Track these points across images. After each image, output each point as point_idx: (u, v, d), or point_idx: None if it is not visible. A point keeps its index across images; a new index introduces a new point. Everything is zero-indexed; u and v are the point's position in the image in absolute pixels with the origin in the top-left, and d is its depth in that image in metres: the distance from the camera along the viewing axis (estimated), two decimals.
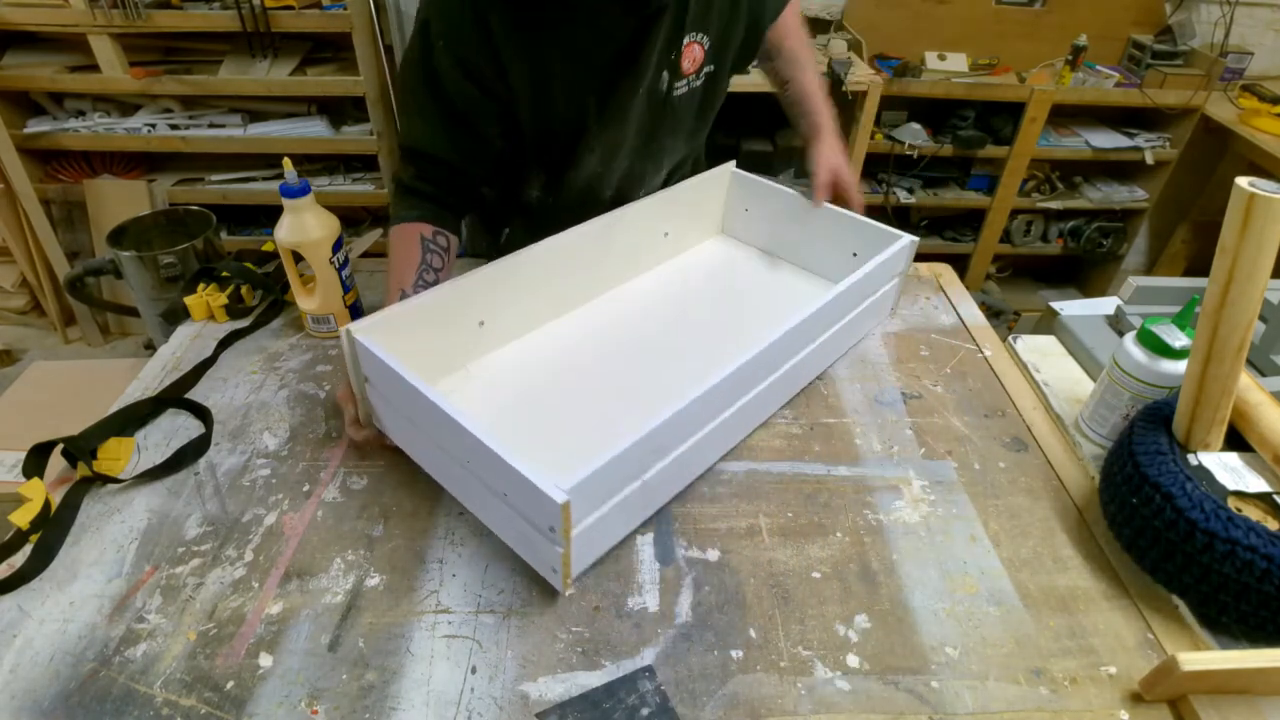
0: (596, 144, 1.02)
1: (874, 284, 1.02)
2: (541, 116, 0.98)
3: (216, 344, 1.04)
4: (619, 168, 1.10)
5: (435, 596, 0.74)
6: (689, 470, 0.84)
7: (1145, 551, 0.75)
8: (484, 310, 0.98)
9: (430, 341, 0.91)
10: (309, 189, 0.96)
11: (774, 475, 0.88)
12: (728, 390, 0.81)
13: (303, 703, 0.65)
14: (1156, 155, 2.52)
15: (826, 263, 1.17)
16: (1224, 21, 2.47)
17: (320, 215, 0.99)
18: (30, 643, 0.69)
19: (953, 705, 0.66)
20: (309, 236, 0.97)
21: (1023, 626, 0.73)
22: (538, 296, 1.04)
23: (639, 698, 0.66)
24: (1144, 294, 1.15)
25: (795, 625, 0.72)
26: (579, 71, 0.94)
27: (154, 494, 0.83)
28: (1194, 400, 0.74)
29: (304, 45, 2.31)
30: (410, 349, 0.83)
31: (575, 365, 1.01)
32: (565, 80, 0.94)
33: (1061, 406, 0.99)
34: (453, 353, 0.97)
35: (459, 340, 0.97)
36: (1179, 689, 0.65)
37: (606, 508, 0.72)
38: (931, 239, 2.77)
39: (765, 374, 0.88)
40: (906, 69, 2.35)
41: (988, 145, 2.48)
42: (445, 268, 0.96)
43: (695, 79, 1.04)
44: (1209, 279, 0.67)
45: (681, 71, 1.01)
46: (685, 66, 1.01)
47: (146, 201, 2.40)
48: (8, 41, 2.26)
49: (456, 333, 0.96)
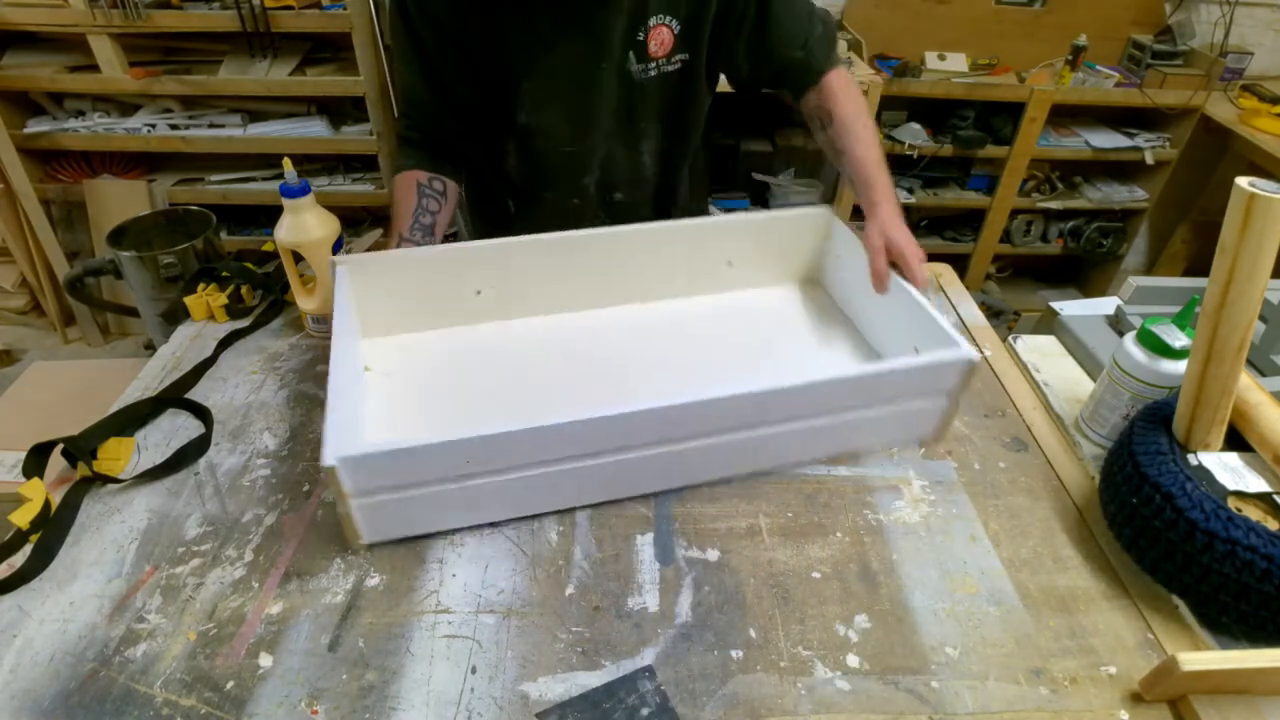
0: (557, 107, 1.05)
1: (890, 389, 0.84)
2: (495, 64, 1.01)
3: (216, 344, 1.04)
4: (597, 150, 1.11)
5: (435, 596, 0.74)
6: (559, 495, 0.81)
7: (1145, 551, 0.75)
8: (484, 280, 1.00)
9: (421, 295, 0.98)
10: (309, 189, 0.97)
11: (774, 475, 0.88)
12: (576, 436, 0.75)
13: (303, 703, 0.65)
14: (1156, 155, 2.52)
15: (890, 348, 1.00)
16: (1224, 21, 2.47)
17: (320, 215, 0.99)
18: (30, 643, 0.69)
19: (953, 705, 0.66)
20: (309, 236, 0.97)
21: (1023, 626, 0.73)
22: (550, 282, 1.04)
23: (639, 698, 0.66)
24: (1144, 294, 1.15)
25: (795, 625, 0.72)
26: (529, 24, 0.97)
27: (154, 494, 0.83)
28: (1194, 400, 0.74)
29: (304, 45, 2.31)
30: (402, 298, 0.93)
31: (546, 359, 1.01)
32: (518, 32, 0.98)
33: (1061, 406, 0.99)
34: (441, 311, 1.01)
35: (449, 301, 1.00)
36: (1179, 689, 0.65)
37: (414, 493, 0.74)
38: (931, 239, 2.77)
39: (650, 439, 0.78)
40: (906, 69, 2.35)
41: (988, 145, 2.48)
42: (443, 210, 1.01)
43: (666, 63, 1.06)
44: (1209, 279, 0.67)
45: (649, 53, 1.03)
46: (653, 49, 1.03)
47: (146, 201, 2.40)
48: (7, 41, 2.26)
49: (448, 294, 1.00)
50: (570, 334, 1.06)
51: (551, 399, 0.95)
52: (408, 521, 0.78)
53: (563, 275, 1.05)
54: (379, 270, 0.99)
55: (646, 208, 1.27)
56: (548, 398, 0.96)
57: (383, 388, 0.97)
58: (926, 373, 0.84)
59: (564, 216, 1.20)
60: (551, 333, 1.06)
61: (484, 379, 0.99)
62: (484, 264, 1.00)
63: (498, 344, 1.04)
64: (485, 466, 0.74)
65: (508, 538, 0.80)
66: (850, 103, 1.12)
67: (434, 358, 1.00)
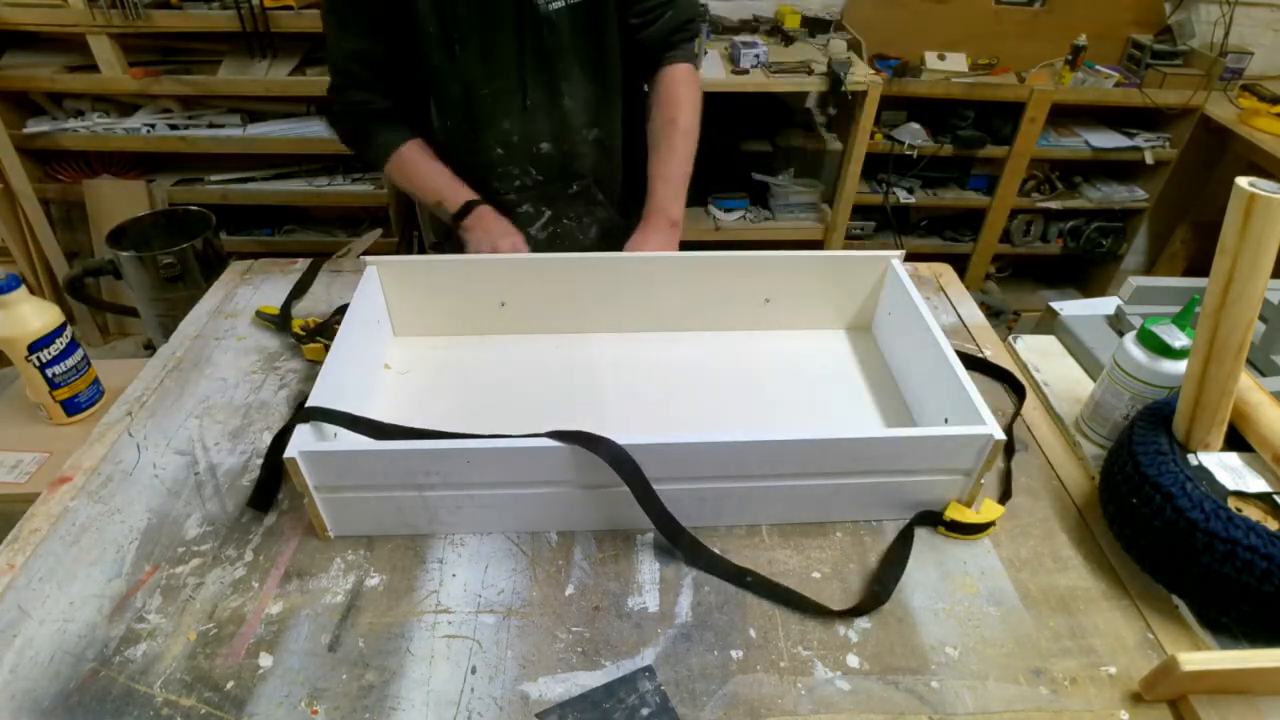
0: (470, 47, 1.08)
1: (886, 457, 0.77)
2: (405, 10, 1.05)
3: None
4: (514, 92, 1.13)
5: (435, 596, 0.74)
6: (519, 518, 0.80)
7: (1145, 551, 0.75)
8: (511, 293, 1.02)
9: (448, 301, 1.01)
10: (18, 283, 1.03)
11: None
12: (533, 463, 0.74)
13: (303, 703, 0.65)
14: (1156, 155, 2.52)
15: (924, 414, 0.92)
16: (1223, 21, 2.47)
17: (18, 312, 1.03)
18: (30, 643, 0.69)
19: (953, 705, 0.66)
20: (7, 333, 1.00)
21: (1023, 626, 0.73)
22: (575, 301, 1.04)
23: (639, 698, 0.66)
24: (1144, 294, 1.15)
25: (795, 625, 0.72)
26: None
27: (154, 494, 0.83)
28: (1194, 400, 0.74)
29: (303, 45, 2.31)
30: (431, 302, 0.97)
31: (553, 378, 1.01)
32: None
33: (1061, 406, 0.99)
34: (466, 319, 1.03)
35: (475, 310, 1.02)
36: (1179, 689, 0.65)
37: (375, 495, 0.75)
38: (931, 239, 2.77)
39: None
40: (906, 69, 2.35)
41: (987, 145, 2.49)
42: None
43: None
44: (1209, 279, 0.67)
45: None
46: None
47: (146, 202, 2.40)
48: (7, 41, 2.26)
49: (474, 303, 1.01)
50: (588, 356, 1.04)
51: (538, 419, 0.93)
52: (376, 522, 0.78)
53: (589, 295, 1.04)
54: (412, 273, 1.00)
55: (581, 164, 1.23)
56: (541, 415, 0.94)
57: (397, 386, 0.98)
58: (938, 445, 0.76)
59: (490, 170, 1.20)
60: (567, 352, 1.05)
61: (494, 390, 0.99)
62: (513, 276, 0.99)
63: (514, 357, 1.04)
64: (447, 479, 0.74)
65: (508, 538, 0.80)
66: (671, 106, 1.13)
67: (451, 363, 1.00)
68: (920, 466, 0.78)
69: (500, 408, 0.96)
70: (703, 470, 0.76)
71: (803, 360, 1.05)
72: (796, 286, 1.06)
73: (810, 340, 1.09)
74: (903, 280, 0.99)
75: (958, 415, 0.81)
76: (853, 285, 1.06)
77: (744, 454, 0.74)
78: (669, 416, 0.96)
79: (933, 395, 0.89)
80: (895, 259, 1.03)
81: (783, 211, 2.56)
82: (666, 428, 0.93)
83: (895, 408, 0.97)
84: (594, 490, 0.76)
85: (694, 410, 0.97)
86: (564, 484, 0.76)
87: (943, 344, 0.87)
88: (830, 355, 1.07)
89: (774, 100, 2.54)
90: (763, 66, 2.22)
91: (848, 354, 1.07)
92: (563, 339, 1.06)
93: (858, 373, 1.03)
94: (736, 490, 0.78)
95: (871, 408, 0.98)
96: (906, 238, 2.75)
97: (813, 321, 1.09)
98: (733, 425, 0.94)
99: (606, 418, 0.95)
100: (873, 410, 0.97)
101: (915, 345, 0.94)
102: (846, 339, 1.09)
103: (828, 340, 1.09)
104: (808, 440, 0.74)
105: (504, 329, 1.05)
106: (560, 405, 0.97)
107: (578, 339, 1.07)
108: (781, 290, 1.06)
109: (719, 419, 0.95)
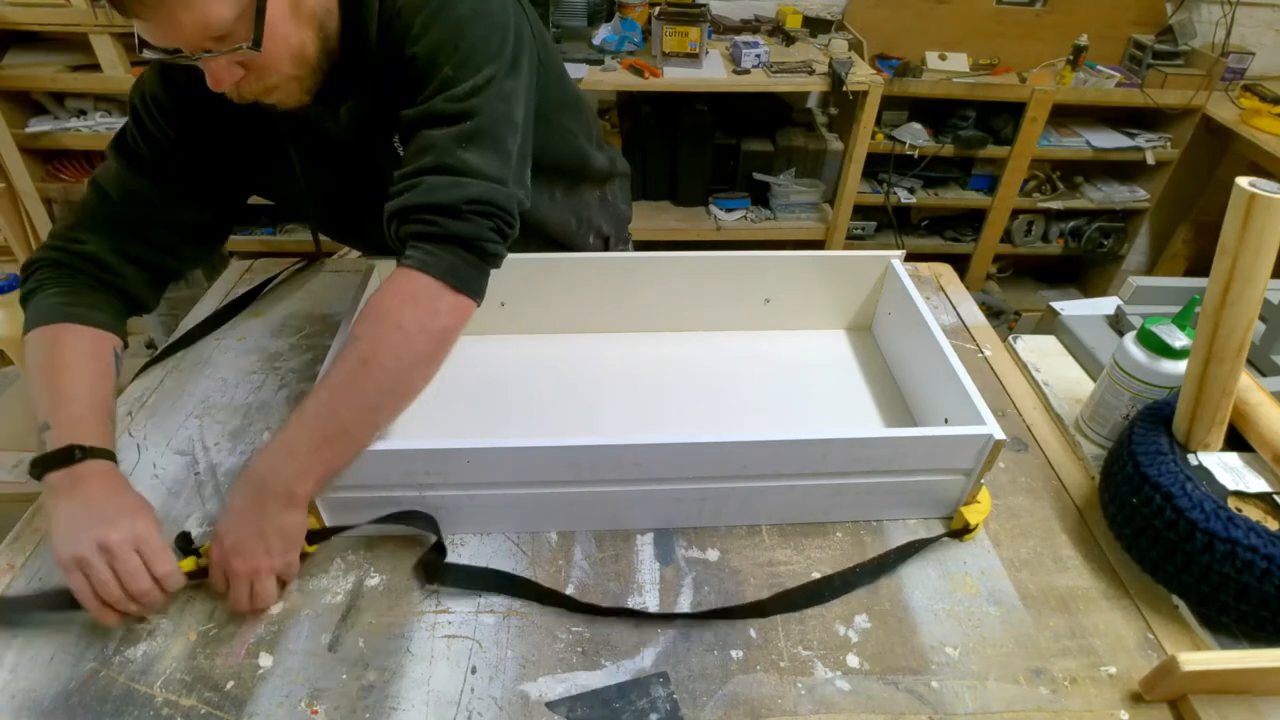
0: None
1: (887, 458, 0.77)
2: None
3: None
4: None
5: (435, 596, 0.74)
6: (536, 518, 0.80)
7: (1145, 551, 0.75)
8: (510, 292, 1.00)
9: None
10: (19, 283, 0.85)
11: None
12: (536, 462, 0.74)
13: (303, 703, 0.65)
14: (1157, 155, 2.52)
15: (924, 414, 0.93)
16: (1225, 21, 2.47)
17: (19, 312, 0.85)
18: (30, 643, 0.69)
19: (953, 705, 0.66)
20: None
21: (1023, 626, 0.73)
22: (575, 302, 1.03)
23: (649, 702, 0.65)
24: (1144, 294, 1.15)
25: (795, 625, 0.72)
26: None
27: (154, 494, 0.83)
28: (1194, 400, 0.74)
29: None
30: None
31: (546, 379, 1.00)
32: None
33: (1061, 406, 0.99)
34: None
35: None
36: (1179, 689, 0.65)
37: (374, 495, 0.75)
38: (932, 239, 2.77)
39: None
40: (907, 69, 2.35)
41: (988, 145, 2.48)
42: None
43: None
44: (1209, 279, 0.67)
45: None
46: None
47: None
48: (9, 41, 2.26)
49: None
50: (587, 356, 1.04)
51: (538, 419, 0.94)
52: (363, 514, 0.77)
53: (588, 295, 1.03)
54: None
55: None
56: (541, 415, 0.95)
57: None
58: (938, 445, 0.76)
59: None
60: (567, 352, 1.05)
61: (493, 390, 0.98)
62: (513, 276, 0.97)
63: (514, 357, 1.03)
64: (447, 479, 0.74)
65: (508, 537, 0.80)
66: (362, 326, 0.75)
67: (451, 363, 0.98)
68: (920, 466, 0.78)
69: (500, 408, 0.96)
70: (703, 470, 0.76)
71: (803, 360, 1.05)
72: (797, 286, 1.06)
73: (810, 340, 1.09)
74: (903, 280, 0.99)
75: (958, 415, 0.82)
76: (853, 285, 1.06)
77: (744, 454, 0.74)
78: (669, 416, 0.96)
79: (933, 395, 0.90)
80: (895, 259, 1.03)
81: (784, 211, 2.56)
82: (666, 428, 0.93)
83: (895, 408, 0.97)
84: (594, 490, 0.76)
85: (694, 410, 0.97)
86: (564, 484, 0.76)
87: (943, 344, 0.87)
88: (830, 355, 1.07)
89: (775, 100, 2.53)
90: (764, 66, 2.22)
91: (848, 354, 1.07)
92: (562, 339, 1.06)
93: (858, 373, 1.04)
94: (737, 490, 0.78)
95: (871, 408, 0.98)
96: (907, 238, 2.75)
97: (813, 321, 1.09)
98: (733, 425, 0.94)
99: (606, 418, 0.95)
100: (873, 410, 0.97)
101: (915, 345, 0.94)
102: (846, 339, 1.09)
103: (828, 340, 1.09)
104: (808, 440, 0.74)
105: (503, 329, 1.05)
106: (560, 405, 0.97)
107: (577, 339, 1.06)
108: (782, 290, 1.06)
109: (719, 419, 0.96)
